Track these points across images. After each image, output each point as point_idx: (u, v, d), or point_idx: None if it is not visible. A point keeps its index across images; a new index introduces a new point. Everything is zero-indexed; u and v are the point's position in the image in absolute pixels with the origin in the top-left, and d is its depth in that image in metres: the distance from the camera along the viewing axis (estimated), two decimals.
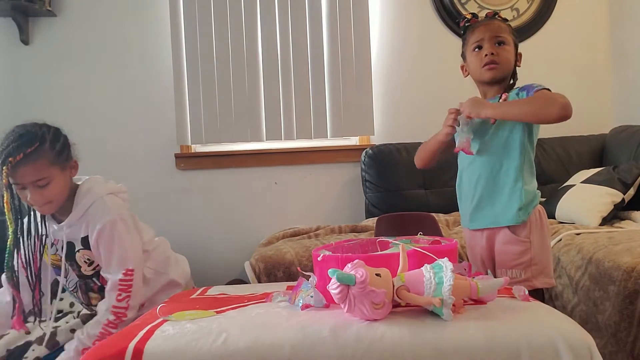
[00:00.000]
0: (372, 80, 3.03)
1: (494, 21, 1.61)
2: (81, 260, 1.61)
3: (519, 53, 1.62)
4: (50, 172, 1.47)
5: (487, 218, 1.56)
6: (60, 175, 1.51)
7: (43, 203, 1.50)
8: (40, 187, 1.47)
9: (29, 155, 1.42)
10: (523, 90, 1.52)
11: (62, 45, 2.95)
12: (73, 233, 1.59)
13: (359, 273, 1.02)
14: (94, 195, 1.59)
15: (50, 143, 1.48)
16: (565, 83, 3.12)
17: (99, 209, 1.57)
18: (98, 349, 1.04)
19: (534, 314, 1.10)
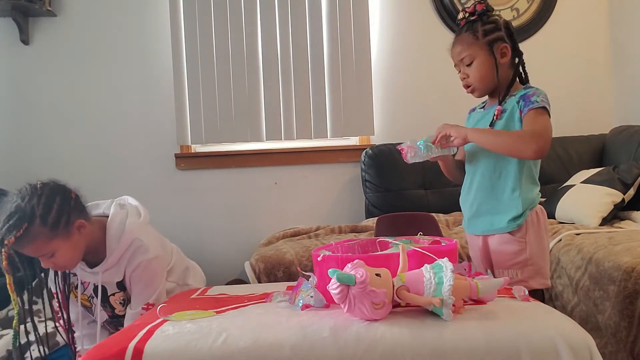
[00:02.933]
0: (372, 80, 3.03)
1: (457, 39, 1.56)
2: (116, 302, 1.61)
3: (503, 46, 1.53)
4: (50, 246, 1.41)
5: (484, 225, 1.57)
6: (64, 244, 1.44)
7: (57, 269, 1.50)
8: (47, 257, 1.44)
9: (20, 238, 1.35)
10: (524, 100, 1.49)
11: (62, 45, 2.95)
12: (109, 277, 1.56)
13: (359, 273, 1.02)
14: (128, 237, 1.55)
15: (41, 219, 1.38)
16: (565, 83, 3.14)
17: (137, 252, 1.55)
18: (98, 349, 1.04)
19: (534, 314, 1.10)
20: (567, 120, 3.10)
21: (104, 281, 1.57)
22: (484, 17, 1.53)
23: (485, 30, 1.52)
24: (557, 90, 3.15)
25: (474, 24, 1.53)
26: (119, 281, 1.59)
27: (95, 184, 2.97)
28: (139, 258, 1.55)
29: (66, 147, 2.95)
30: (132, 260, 1.55)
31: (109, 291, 1.60)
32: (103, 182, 2.96)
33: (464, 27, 1.55)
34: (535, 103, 1.46)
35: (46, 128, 2.96)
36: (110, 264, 1.54)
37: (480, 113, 1.63)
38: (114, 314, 1.64)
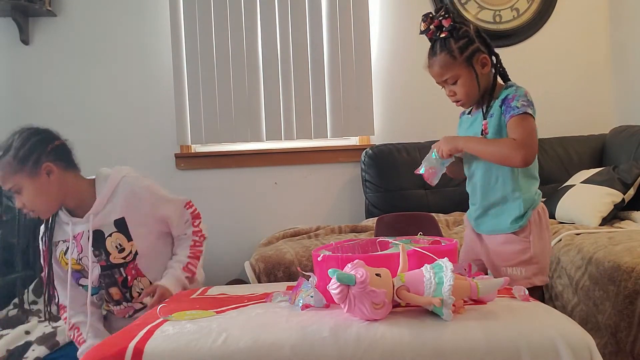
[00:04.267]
0: (372, 80, 3.03)
1: (434, 61, 1.52)
2: (112, 246, 1.60)
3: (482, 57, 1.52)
4: (15, 179, 1.49)
5: (488, 226, 1.58)
6: (30, 183, 1.50)
7: (28, 211, 1.52)
8: (18, 193, 1.50)
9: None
10: (505, 104, 1.50)
11: (62, 45, 2.95)
12: (102, 219, 1.59)
13: (359, 273, 1.02)
14: (115, 176, 1.63)
15: (14, 151, 1.49)
16: (565, 83, 3.14)
17: (130, 184, 1.62)
18: (98, 348, 1.04)
19: (534, 314, 1.10)
20: (567, 120, 3.10)
21: (99, 225, 1.57)
22: (454, 33, 1.49)
23: (460, 47, 1.49)
24: (557, 91, 3.17)
25: (446, 43, 1.49)
26: (118, 220, 1.59)
27: None
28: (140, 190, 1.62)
29: None
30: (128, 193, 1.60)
31: (105, 233, 1.59)
32: None
33: (437, 46, 1.51)
34: (516, 109, 1.47)
35: None
36: (100, 203, 1.58)
37: (469, 119, 1.63)
38: (109, 263, 1.61)
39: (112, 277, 1.63)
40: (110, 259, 1.61)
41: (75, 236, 1.60)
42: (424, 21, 1.53)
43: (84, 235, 1.58)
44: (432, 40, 1.53)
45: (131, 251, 1.61)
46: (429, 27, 1.51)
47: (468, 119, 1.64)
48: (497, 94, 1.54)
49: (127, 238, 1.61)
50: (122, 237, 1.60)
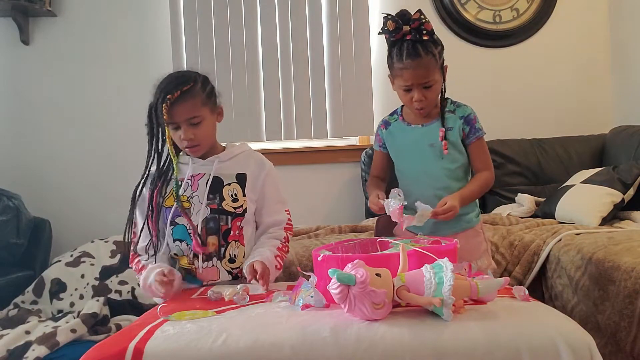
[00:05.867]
0: (372, 80, 3.03)
1: (420, 62, 1.50)
2: (228, 194, 1.61)
3: (445, 67, 1.58)
4: (202, 111, 1.56)
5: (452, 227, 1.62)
6: (210, 117, 1.60)
7: (194, 143, 1.56)
8: (193, 125, 1.55)
9: (185, 92, 1.53)
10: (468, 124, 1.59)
11: (62, 45, 2.95)
12: (224, 168, 1.62)
13: (359, 273, 1.02)
14: (246, 145, 1.72)
15: (202, 84, 1.59)
16: (565, 83, 3.14)
17: (259, 156, 1.71)
18: (98, 349, 1.04)
19: (534, 314, 1.10)
20: (567, 120, 3.10)
21: (220, 173, 1.61)
22: (434, 37, 1.52)
23: (439, 52, 1.54)
24: (557, 90, 3.17)
25: (430, 46, 1.50)
26: (240, 174, 1.63)
27: (95, 183, 2.98)
28: (267, 163, 1.70)
29: (66, 147, 2.95)
30: (257, 160, 1.68)
31: (224, 181, 1.61)
32: (103, 181, 2.96)
33: (420, 49, 1.49)
34: (479, 131, 1.60)
35: (46, 128, 2.96)
36: (228, 154, 1.65)
37: (419, 129, 1.63)
38: (220, 207, 1.59)
39: (217, 223, 1.59)
40: (222, 205, 1.60)
41: (194, 175, 1.61)
42: (393, 20, 1.53)
43: (204, 177, 1.60)
44: (401, 41, 1.53)
45: (243, 205, 1.61)
46: (398, 28, 1.52)
47: (416, 129, 1.63)
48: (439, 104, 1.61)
49: (243, 192, 1.62)
50: (239, 189, 1.62)
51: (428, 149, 1.60)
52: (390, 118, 1.72)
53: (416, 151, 1.62)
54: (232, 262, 1.58)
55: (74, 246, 2.64)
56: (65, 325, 1.92)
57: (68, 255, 2.54)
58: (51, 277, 2.42)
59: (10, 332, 1.93)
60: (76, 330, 1.90)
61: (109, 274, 2.42)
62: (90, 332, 1.95)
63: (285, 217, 1.71)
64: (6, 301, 2.35)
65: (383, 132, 1.71)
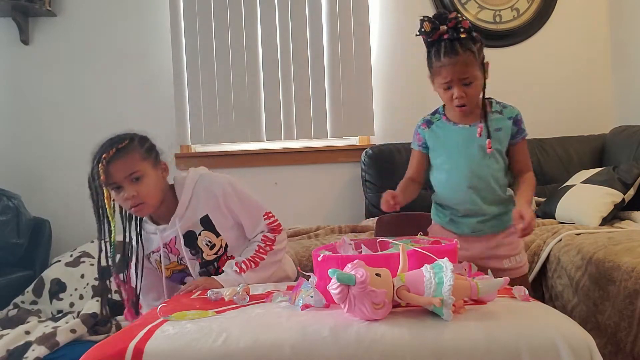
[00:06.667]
0: (372, 80, 3.03)
1: (458, 59, 1.49)
2: (203, 244, 1.61)
3: (486, 63, 1.57)
4: (142, 165, 1.52)
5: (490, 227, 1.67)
6: (152, 172, 1.55)
7: (138, 201, 1.51)
8: (134, 181, 1.50)
9: (120, 150, 1.50)
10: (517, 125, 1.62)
11: (62, 45, 2.95)
12: (188, 220, 1.60)
13: (359, 273, 1.02)
14: (192, 176, 1.65)
15: (139, 141, 1.57)
16: (566, 83, 3.14)
17: (207, 182, 1.64)
18: (98, 349, 1.04)
19: (534, 314, 1.10)
20: (567, 120, 3.10)
21: (188, 227, 1.59)
22: (472, 34, 1.51)
23: (478, 49, 1.53)
24: (557, 90, 3.17)
25: (468, 43, 1.50)
26: (203, 217, 1.60)
27: None
28: (218, 184, 1.63)
29: (66, 147, 2.95)
30: (209, 190, 1.61)
31: (196, 232, 1.60)
32: None
33: (457, 46, 1.49)
34: (525, 132, 1.63)
35: (46, 128, 2.96)
36: (182, 205, 1.59)
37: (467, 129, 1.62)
38: (203, 260, 1.62)
39: (208, 274, 1.63)
40: (204, 257, 1.62)
41: (168, 243, 1.62)
42: (429, 22, 1.51)
43: (177, 239, 1.60)
44: (438, 41, 1.52)
45: (221, 245, 1.62)
46: (435, 28, 1.50)
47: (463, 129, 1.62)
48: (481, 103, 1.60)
49: (215, 234, 1.62)
50: (210, 234, 1.61)
51: (476, 149, 1.59)
52: (432, 117, 1.70)
53: (463, 151, 1.61)
54: None
55: (74, 246, 2.64)
56: (65, 326, 1.92)
57: (68, 256, 2.54)
58: (51, 277, 2.41)
59: (10, 332, 1.93)
60: (76, 330, 1.90)
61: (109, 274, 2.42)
62: (90, 332, 1.95)
63: (264, 223, 1.66)
64: (6, 301, 2.35)
65: (425, 131, 1.69)
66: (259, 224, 1.66)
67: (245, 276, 1.56)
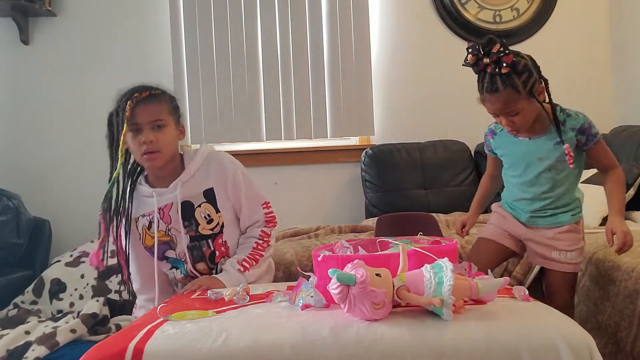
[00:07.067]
0: (372, 80, 3.03)
1: (498, 96, 1.48)
2: (201, 216, 1.58)
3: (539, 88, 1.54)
4: (167, 117, 1.52)
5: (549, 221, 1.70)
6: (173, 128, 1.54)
7: (154, 148, 1.49)
8: (155, 128, 1.50)
9: (153, 95, 1.52)
10: (584, 134, 1.61)
11: (62, 45, 2.95)
12: (191, 189, 1.57)
13: (359, 273, 1.02)
14: (205, 148, 1.64)
15: (170, 97, 1.58)
16: (566, 83, 3.13)
17: (220, 158, 1.63)
18: (98, 349, 1.04)
19: (534, 314, 1.10)
20: None
21: (188, 196, 1.56)
22: (515, 67, 1.46)
23: (523, 82, 1.48)
24: (557, 90, 3.13)
25: (509, 79, 1.45)
26: (207, 190, 1.58)
27: (96, 184, 2.97)
28: (232, 166, 1.62)
29: (66, 147, 2.95)
30: (223, 167, 1.60)
31: (195, 204, 1.57)
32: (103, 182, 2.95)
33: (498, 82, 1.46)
34: (596, 136, 1.61)
35: (46, 128, 2.96)
36: (189, 173, 1.57)
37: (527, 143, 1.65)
38: (197, 234, 1.58)
39: (199, 250, 1.59)
40: (199, 230, 1.58)
41: (162, 208, 1.56)
42: (473, 53, 1.48)
43: (172, 206, 1.56)
44: (483, 72, 1.49)
45: (219, 223, 1.59)
46: (479, 61, 1.47)
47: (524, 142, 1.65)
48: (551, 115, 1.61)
49: (216, 209, 1.59)
50: (211, 207, 1.58)
51: (536, 162, 1.63)
52: (495, 127, 1.73)
53: (523, 162, 1.66)
54: None
55: (74, 246, 2.64)
56: (65, 326, 1.92)
57: (68, 255, 2.54)
58: (51, 277, 2.41)
59: (10, 332, 1.93)
60: (76, 330, 1.90)
61: (109, 274, 2.42)
62: (90, 332, 1.95)
63: (262, 213, 1.67)
64: (6, 301, 2.35)
65: (491, 141, 1.75)
66: (257, 212, 1.66)
67: (248, 274, 1.56)
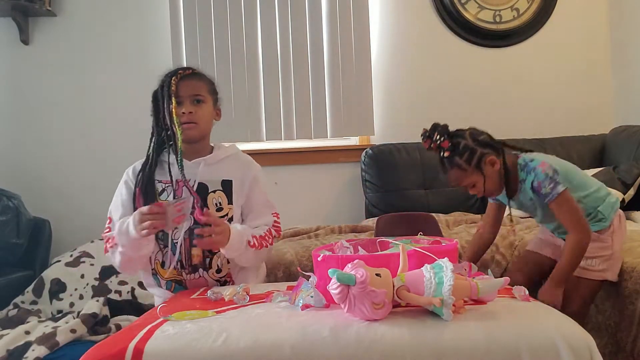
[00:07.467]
0: (372, 80, 3.03)
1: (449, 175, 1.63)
2: (212, 202, 1.59)
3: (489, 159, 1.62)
4: (207, 96, 1.63)
5: None
6: (211, 107, 1.65)
7: (193, 119, 1.58)
8: (195, 102, 1.59)
9: (196, 73, 1.64)
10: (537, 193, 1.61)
11: (62, 45, 2.95)
12: (210, 173, 1.60)
13: (359, 273, 1.02)
14: (235, 147, 1.73)
15: (209, 80, 1.68)
16: (566, 83, 3.14)
17: (247, 157, 1.72)
18: (98, 349, 1.04)
19: (534, 314, 1.10)
20: (567, 120, 3.10)
21: (205, 179, 1.59)
22: (456, 150, 1.58)
23: (466, 160, 1.59)
24: (557, 91, 3.17)
25: (452, 160, 1.59)
26: (225, 180, 1.62)
27: (95, 183, 2.98)
28: (255, 167, 1.70)
29: (66, 146, 2.95)
30: (246, 165, 1.68)
31: (209, 188, 1.59)
32: (103, 182, 2.95)
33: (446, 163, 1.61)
34: (548, 195, 1.58)
35: (46, 128, 2.96)
36: (215, 157, 1.64)
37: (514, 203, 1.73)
38: None
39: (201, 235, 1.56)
40: None
41: (179, 181, 1.58)
42: (423, 140, 1.61)
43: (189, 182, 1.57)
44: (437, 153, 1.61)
45: (227, 214, 1.60)
46: (430, 146, 1.60)
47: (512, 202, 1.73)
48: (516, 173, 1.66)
49: (229, 200, 1.60)
50: (224, 197, 1.60)
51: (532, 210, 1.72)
52: None
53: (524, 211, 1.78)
54: (219, 272, 1.60)
55: (74, 246, 2.64)
56: (65, 326, 1.92)
57: (68, 256, 2.54)
58: (51, 277, 2.41)
59: (10, 332, 1.93)
60: (76, 330, 1.90)
61: (109, 274, 2.42)
62: (90, 332, 1.95)
63: (272, 219, 1.68)
64: (6, 301, 2.35)
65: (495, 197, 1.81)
66: (267, 217, 1.67)
67: (249, 251, 1.54)
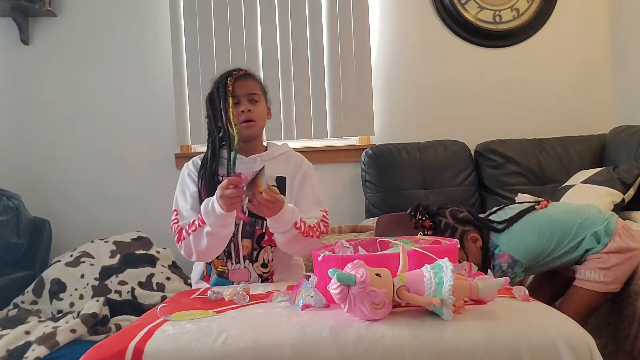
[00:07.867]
0: (372, 80, 3.02)
1: None
2: None
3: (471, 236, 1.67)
4: (260, 95, 1.71)
5: None
6: (264, 105, 1.73)
7: (251, 117, 1.65)
8: (252, 102, 1.67)
9: (249, 74, 1.73)
10: None
11: (62, 45, 2.95)
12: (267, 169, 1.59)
13: (359, 273, 1.02)
14: (288, 146, 1.80)
15: (261, 81, 1.77)
16: (566, 83, 3.14)
17: (299, 156, 1.78)
18: (98, 348, 1.04)
19: (534, 314, 1.10)
20: (567, 120, 3.10)
21: None
22: (437, 228, 1.65)
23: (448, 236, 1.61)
24: (557, 90, 3.17)
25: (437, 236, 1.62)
26: (280, 176, 1.68)
27: (95, 183, 2.98)
28: (306, 163, 1.77)
29: (66, 147, 2.95)
30: (298, 162, 1.75)
31: None
32: (103, 182, 2.96)
33: None
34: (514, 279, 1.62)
35: (46, 128, 2.96)
36: (270, 154, 1.72)
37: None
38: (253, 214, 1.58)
39: (252, 227, 1.63)
40: None
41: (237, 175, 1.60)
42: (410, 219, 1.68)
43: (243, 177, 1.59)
44: None
45: None
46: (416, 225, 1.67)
47: None
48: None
49: None
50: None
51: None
52: None
53: None
54: (265, 267, 1.63)
55: (74, 246, 2.64)
56: (65, 326, 1.92)
57: (68, 255, 2.54)
58: (51, 277, 2.41)
59: (10, 332, 1.93)
60: (76, 330, 1.90)
61: (109, 274, 2.42)
62: (90, 332, 1.95)
63: (321, 214, 1.69)
64: (6, 301, 2.35)
65: None
66: (316, 211, 1.68)
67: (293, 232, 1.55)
